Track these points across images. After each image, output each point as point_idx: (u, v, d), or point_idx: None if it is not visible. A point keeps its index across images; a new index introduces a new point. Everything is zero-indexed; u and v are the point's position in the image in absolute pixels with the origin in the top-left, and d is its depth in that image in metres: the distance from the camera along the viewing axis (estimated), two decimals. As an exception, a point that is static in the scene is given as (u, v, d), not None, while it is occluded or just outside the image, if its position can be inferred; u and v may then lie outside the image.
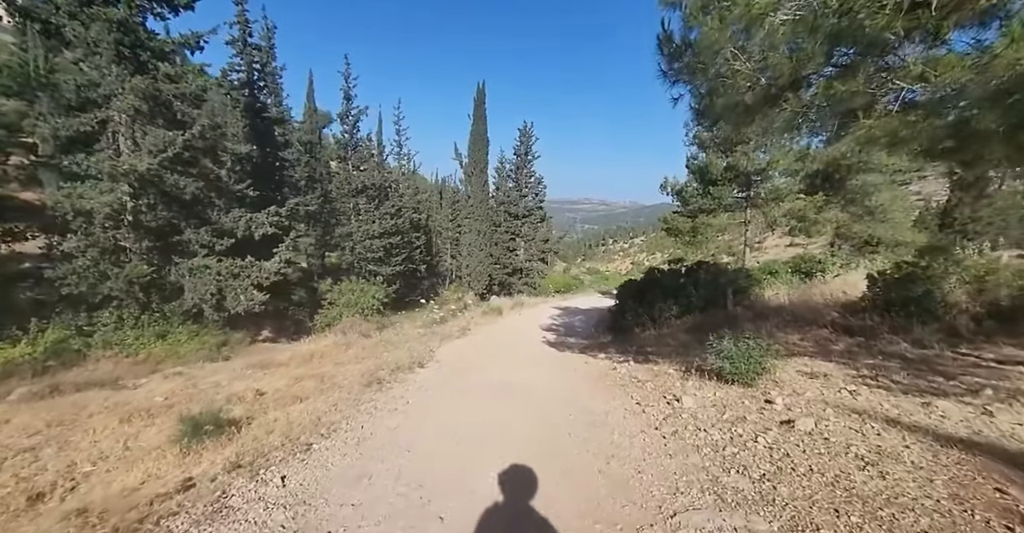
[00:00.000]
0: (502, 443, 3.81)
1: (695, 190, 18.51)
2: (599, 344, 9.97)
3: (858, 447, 3.11)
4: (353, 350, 7.96)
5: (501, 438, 3.92)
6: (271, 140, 18.68)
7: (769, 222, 18.33)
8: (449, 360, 7.69)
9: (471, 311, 16.02)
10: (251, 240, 13.19)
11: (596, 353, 8.85)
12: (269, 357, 7.63)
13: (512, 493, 2.95)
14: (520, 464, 3.34)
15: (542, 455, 3.53)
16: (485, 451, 3.63)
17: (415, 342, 9.38)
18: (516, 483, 3.07)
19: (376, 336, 9.80)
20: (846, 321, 6.58)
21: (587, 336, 11.39)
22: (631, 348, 8.96)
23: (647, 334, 9.43)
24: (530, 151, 29.09)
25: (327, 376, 6.04)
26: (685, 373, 5.96)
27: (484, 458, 3.50)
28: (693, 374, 5.71)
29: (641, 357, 7.98)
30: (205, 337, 11.82)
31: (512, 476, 3.17)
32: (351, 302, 11.77)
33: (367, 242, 20.94)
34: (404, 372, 6.47)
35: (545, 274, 30.26)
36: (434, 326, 12.77)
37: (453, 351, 8.65)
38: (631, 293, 10.83)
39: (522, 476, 3.17)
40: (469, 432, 4.08)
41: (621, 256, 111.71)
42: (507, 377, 6.41)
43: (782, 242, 69.06)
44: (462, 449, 3.71)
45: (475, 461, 3.46)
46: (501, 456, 3.50)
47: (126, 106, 10.08)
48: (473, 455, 3.58)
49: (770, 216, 18.15)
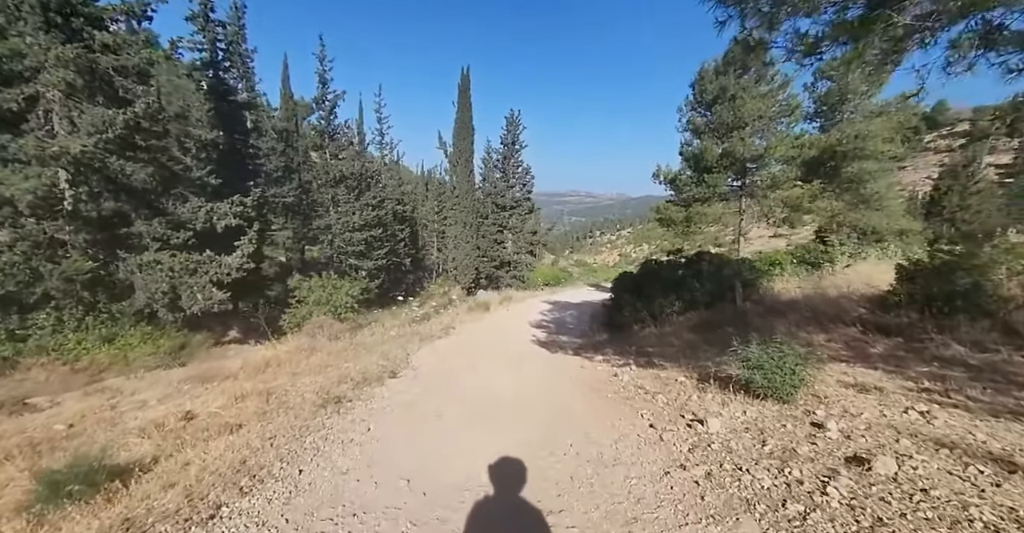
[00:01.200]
0: (483, 493, 2.84)
1: (689, 178, 17.60)
2: (594, 343, 9.06)
3: (980, 508, 2.20)
4: (317, 356, 6.90)
5: (482, 488, 2.94)
6: (240, 126, 17.24)
7: (764, 211, 17.64)
8: (427, 367, 6.68)
9: (456, 307, 15.01)
10: (213, 233, 11.92)
11: (592, 354, 7.93)
12: (218, 366, 6.55)
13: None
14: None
15: (534, 517, 2.57)
16: (459, 511, 2.66)
17: (391, 344, 8.34)
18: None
19: (348, 338, 8.74)
20: (877, 318, 5.74)
21: (580, 334, 10.48)
22: (630, 348, 8.05)
23: (647, 332, 8.54)
24: (517, 140, 27.91)
25: (277, 392, 4.99)
26: (700, 382, 5.05)
27: (457, 522, 2.53)
28: (711, 385, 4.80)
29: (643, 359, 7.07)
30: (160, 340, 10.61)
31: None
32: (322, 300, 10.66)
33: (347, 235, 19.71)
34: (371, 385, 5.45)
35: (533, 267, 29.29)
36: (415, 325, 11.73)
37: (433, 355, 7.64)
38: (628, 287, 9.92)
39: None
40: (440, 477, 3.10)
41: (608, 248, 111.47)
42: (492, 389, 5.43)
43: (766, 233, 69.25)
44: (429, 509, 2.73)
45: (445, 529, 2.49)
46: (479, 520, 2.53)
47: (56, 80, 8.72)
48: (444, 517, 2.60)
49: (765, 205, 17.45)
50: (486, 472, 3.13)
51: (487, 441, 3.73)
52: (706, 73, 16.67)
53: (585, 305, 16.49)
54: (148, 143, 11.20)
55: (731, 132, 16.46)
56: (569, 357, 7.91)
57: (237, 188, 16.49)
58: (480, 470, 3.16)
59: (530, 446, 3.63)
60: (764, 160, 16.39)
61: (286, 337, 10.04)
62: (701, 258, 9.86)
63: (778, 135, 15.74)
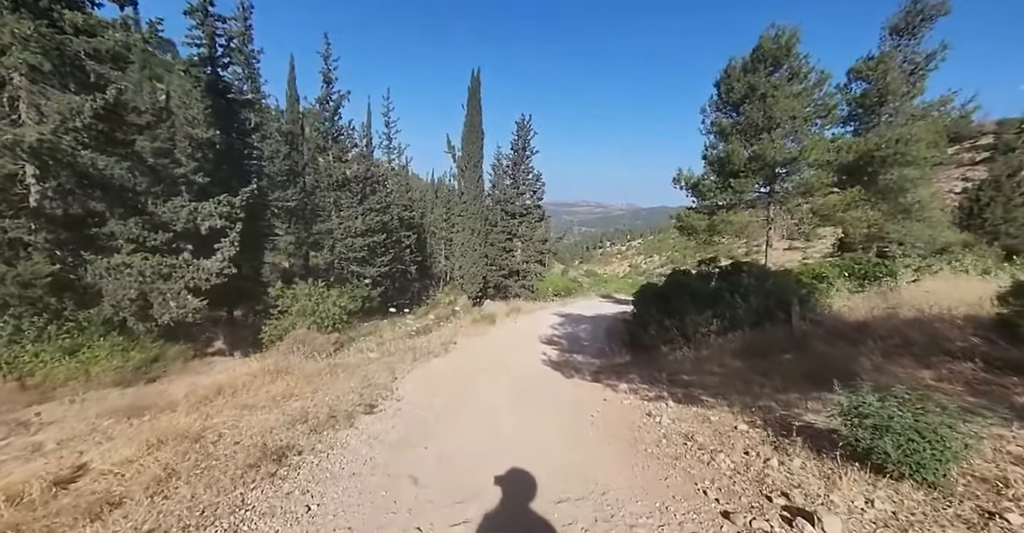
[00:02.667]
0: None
1: (713, 183, 16.22)
2: (616, 366, 7.70)
3: None
4: (284, 381, 5.66)
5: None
6: (239, 125, 16.34)
7: (796, 220, 16.16)
8: (413, 398, 5.39)
9: (460, 319, 13.73)
10: (198, 235, 10.85)
11: (615, 381, 6.57)
12: (159, 392, 5.34)
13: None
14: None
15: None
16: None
17: (378, 365, 7.07)
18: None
19: (331, 356, 7.50)
20: (999, 350, 4.34)
21: (598, 353, 9.12)
22: (660, 375, 6.69)
23: (679, 355, 7.16)
24: (528, 146, 26.84)
25: (209, 436, 3.74)
26: (774, 436, 3.70)
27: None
28: (793, 442, 3.44)
29: (680, 391, 5.71)
30: (131, 352, 9.48)
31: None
32: (307, 310, 9.46)
33: (349, 240, 18.65)
34: (337, 427, 4.17)
35: (543, 277, 27.96)
36: (413, 338, 10.47)
37: (424, 381, 6.34)
38: (652, 301, 8.57)
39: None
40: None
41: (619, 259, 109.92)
42: (490, 440, 4.11)
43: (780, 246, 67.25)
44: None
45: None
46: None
47: (17, 62, 7.75)
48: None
49: (796, 213, 15.98)
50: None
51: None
52: (733, 70, 15.40)
53: (600, 319, 15.10)
54: (128, 137, 10.25)
55: (761, 134, 15.09)
56: (587, 384, 6.57)
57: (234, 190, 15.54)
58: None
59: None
60: (796, 164, 14.98)
61: (266, 351, 8.84)
62: (738, 269, 8.49)
63: (812, 137, 14.37)
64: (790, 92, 13.83)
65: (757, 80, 14.17)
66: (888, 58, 15.70)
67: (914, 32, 15.45)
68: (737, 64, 14.74)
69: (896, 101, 15.88)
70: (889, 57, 15.70)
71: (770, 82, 14.16)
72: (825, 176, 14.15)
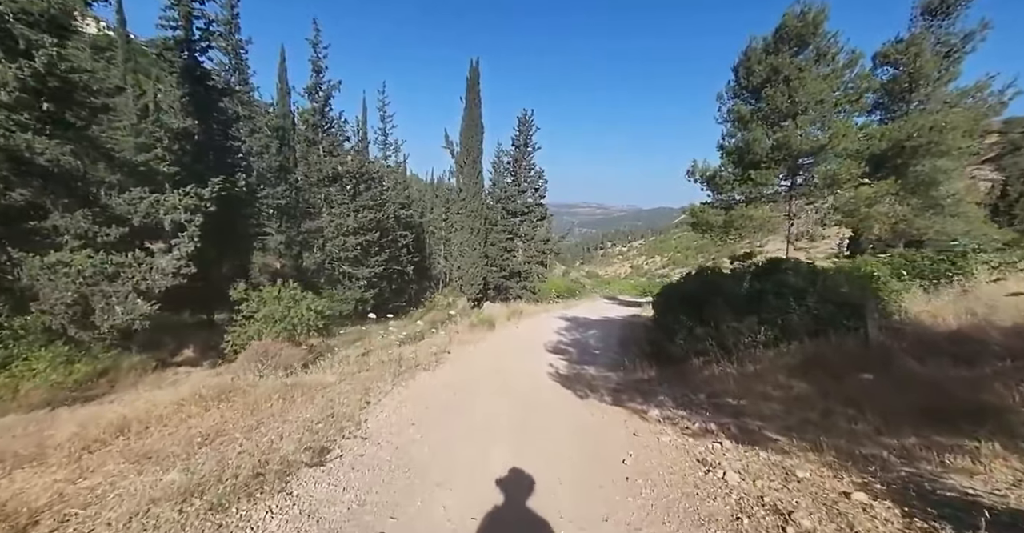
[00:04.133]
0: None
1: (731, 175, 14.80)
2: (639, 384, 6.33)
3: None
4: (221, 410, 4.32)
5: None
6: (220, 115, 15.04)
7: (821, 215, 14.77)
8: (384, 435, 4.03)
9: (456, 323, 12.37)
10: (160, 230, 9.53)
11: (642, 404, 5.21)
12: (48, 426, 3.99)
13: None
14: None
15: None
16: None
17: (351, 383, 5.71)
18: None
19: (294, 372, 6.14)
20: None
21: (613, 364, 7.76)
22: (698, 397, 5.32)
23: (718, 371, 5.78)
24: (530, 142, 25.48)
25: (47, 521, 2.40)
26: (928, 521, 2.34)
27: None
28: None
29: (729, 421, 4.34)
30: (77, 364, 8.16)
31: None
32: (276, 315, 8.07)
33: (340, 239, 17.31)
34: (256, 496, 2.81)
35: (545, 278, 26.58)
36: (405, 345, 9.12)
37: (403, 406, 4.98)
38: (679, 304, 7.21)
39: None
40: None
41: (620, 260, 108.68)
42: (481, 507, 2.77)
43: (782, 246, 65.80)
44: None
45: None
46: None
47: (-73, 22, 6.44)
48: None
49: (820, 208, 14.61)
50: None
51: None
52: (753, 52, 14.01)
53: (609, 323, 13.74)
54: (81, 120, 8.96)
55: (784, 120, 13.70)
56: (608, 409, 5.21)
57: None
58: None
59: None
60: (823, 154, 13.59)
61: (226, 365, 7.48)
62: (776, 266, 7.13)
63: (842, 123, 13.01)
64: (818, 74, 12.50)
65: (780, 62, 12.82)
66: (920, 40, 14.34)
67: (949, 11, 14.08)
68: (758, 45, 13.38)
69: (928, 86, 14.50)
70: (921, 39, 14.34)
71: (795, 64, 12.80)
72: (855, 166, 12.78)
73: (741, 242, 17.92)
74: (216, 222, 15.14)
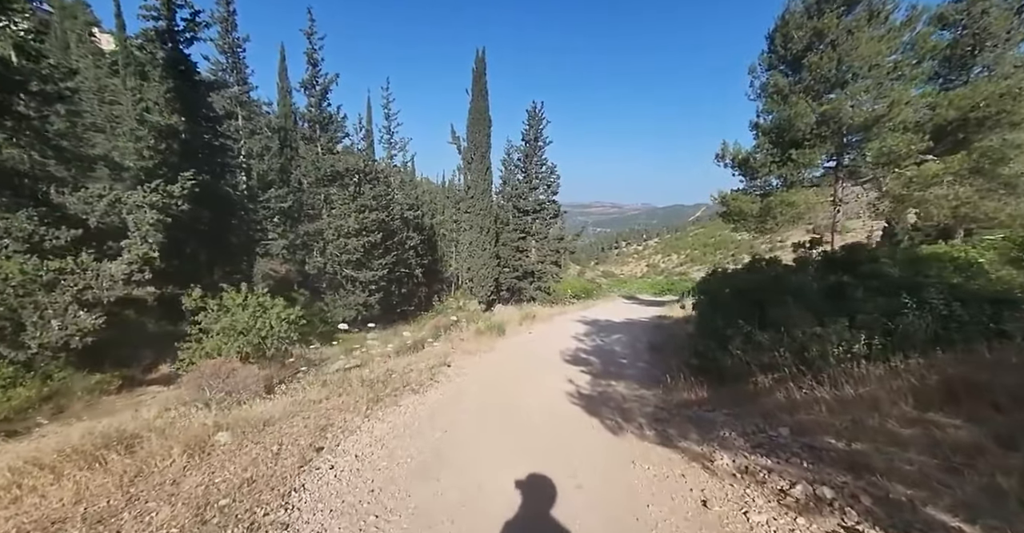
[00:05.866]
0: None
1: (768, 157, 13.02)
2: (685, 408, 4.77)
3: None
4: (92, 475, 2.96)
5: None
6: (210, 112, 13.99)
7: (874, 197, 12.89)
8: (321, 519, 2.61)
9: (462, 328, 10.92)
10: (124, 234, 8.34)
11: (701, 445, 3.65)
12: None
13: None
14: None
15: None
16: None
17: (308, 416, 4.30)
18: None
19: (250, 399, 4.78)
20: None
21: (646, 379, 6.20)
22: (778, 434, 3.72)
23: (800, 396, 4.20)
24: (540, 136, 23.98)
25: None
26: None
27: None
28: None
29: (844, 479, 2.74)
30: (18, 388, 6.98)
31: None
32: (236, 327, 6.58)
33: (341, 241, 16.10)
34: None
35: (560, 278, 25.00)
36: (393, 359, 7.73)
37: (367, 457, 3.53)
38: (731, 304, 5.61)
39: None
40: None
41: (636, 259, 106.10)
42: None
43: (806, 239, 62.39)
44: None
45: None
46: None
47: None
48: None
49: (872, 190, 12.71)
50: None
51: None
52: (792, 16, 12.15)
53: (634, 326, 12.12)
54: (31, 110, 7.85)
55: (831, 91, 11.92)
56: (654, 452, 3.66)
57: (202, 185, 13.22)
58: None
59: None
60: (877, 128, 11.77)
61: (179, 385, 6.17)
62: (859, 255, 5.47)
63: (901, 90, 11.18)
64: (872, 36, 10.72)
65: (826, 24, 11.05)
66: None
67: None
68: (797, 7, 11.61)
69: (996, 48, 12.53)
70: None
71: (843, 25, 11.07)
72: (917, 140, 10.93)
73: (763, 237, 16.02)
74: (207, 226, 14.16)
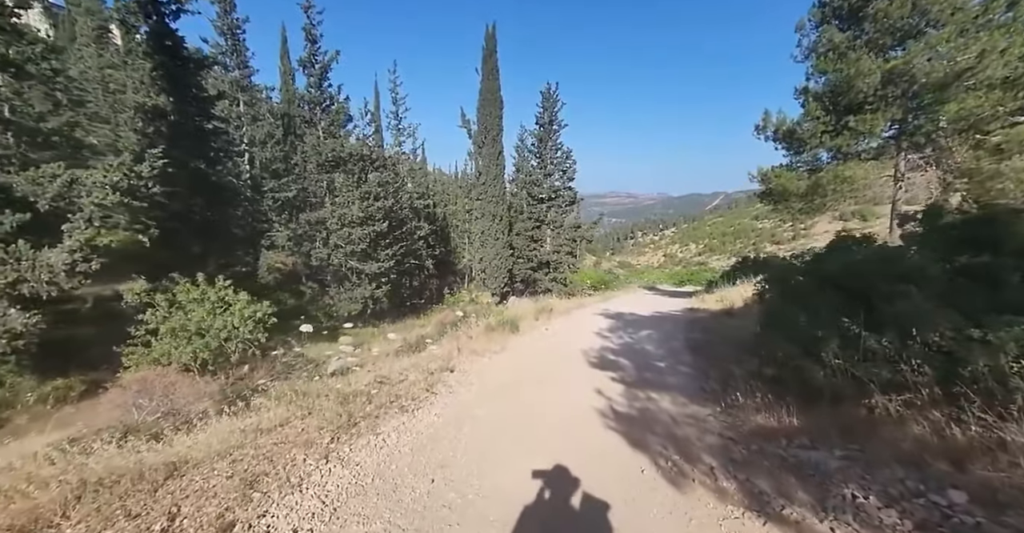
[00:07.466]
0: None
1: (818, 126, 11.27)
2: (765, 440, 3.39)
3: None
4: None
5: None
6: (201, 92, 12.90)
7: (945, 172, 11.06)
8: None
9: (471, 325, 9.65)
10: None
11: (820, 517, 2.31)
12: None
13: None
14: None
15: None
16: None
17: (240, 458, 3.09)
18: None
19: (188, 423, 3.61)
20: None
21: (693, 390, 4.83)
22: (947, 499, 2.35)
23: (964, 438, 2.80)
24: (555, 119, 22.34)
25: None
26: None
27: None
28: None
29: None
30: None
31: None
32: (187, 328, 5.37)
33: (344, 231, 14.98)
34: None
35: (576, 268, 23.53)
36: (387, 362, 6.51)
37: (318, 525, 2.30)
38: (813, 294, 4.18)
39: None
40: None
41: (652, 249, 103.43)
42: None
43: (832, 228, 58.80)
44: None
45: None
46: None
47: None
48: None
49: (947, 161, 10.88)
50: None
51: None
52: (851, -43, 10.48)
53: (665, 320, 10.65)
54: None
55: (901, 43, 10.14)
56: (740, 523, 2.33)
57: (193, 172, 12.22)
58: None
59: None
60: (955, 87, 9.99)
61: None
62: (996, 226, 3.95)
63: (995, 36, 9.37)
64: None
65: (894, -37, 9.29)
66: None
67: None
68: (858, -54, 9.85)
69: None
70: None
71: (915, -37, 9.26)
72: (1008, 98, 9.13)
73: (785, 226, 14.25)
74: (200, 215, 13.16)
